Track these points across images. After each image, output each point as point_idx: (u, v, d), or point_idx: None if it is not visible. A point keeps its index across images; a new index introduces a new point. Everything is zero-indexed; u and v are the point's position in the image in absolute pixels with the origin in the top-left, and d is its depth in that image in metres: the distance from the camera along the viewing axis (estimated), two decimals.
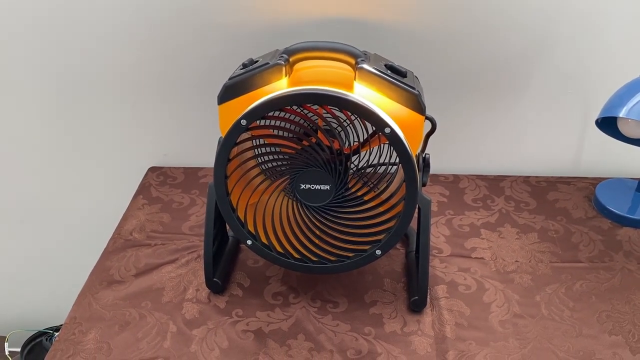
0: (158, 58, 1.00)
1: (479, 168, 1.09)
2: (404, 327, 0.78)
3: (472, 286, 0.84)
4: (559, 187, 1.04)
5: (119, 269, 0.89)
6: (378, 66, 0.71)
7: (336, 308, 0.81)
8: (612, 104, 0.86)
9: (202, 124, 1.07)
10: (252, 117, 0.69)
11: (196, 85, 1.02)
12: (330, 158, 0.71)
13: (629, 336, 0.76)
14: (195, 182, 1.08)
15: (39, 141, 1.12)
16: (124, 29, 0.97)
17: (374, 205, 0.74)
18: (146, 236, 0.95)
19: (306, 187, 0.72)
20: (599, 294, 0.82)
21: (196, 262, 0.89)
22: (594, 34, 0.93)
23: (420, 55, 0.95)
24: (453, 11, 0.91)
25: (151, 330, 0.78)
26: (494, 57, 0.96)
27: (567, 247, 0.91)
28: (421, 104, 0.70)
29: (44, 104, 1.07)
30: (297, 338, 0.77)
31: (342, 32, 0.93)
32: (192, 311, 0.81)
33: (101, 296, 0.84)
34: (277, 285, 0.85)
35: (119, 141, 1.11)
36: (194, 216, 0.99)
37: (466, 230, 0.95)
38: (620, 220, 0.95)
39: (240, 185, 0.75)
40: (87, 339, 0.77)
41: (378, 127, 0.67)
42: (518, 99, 1.01)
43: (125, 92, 1.04)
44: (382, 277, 0.86)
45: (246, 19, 0.94)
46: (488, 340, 0.76)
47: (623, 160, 1.05)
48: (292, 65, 0.73)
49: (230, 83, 0.72)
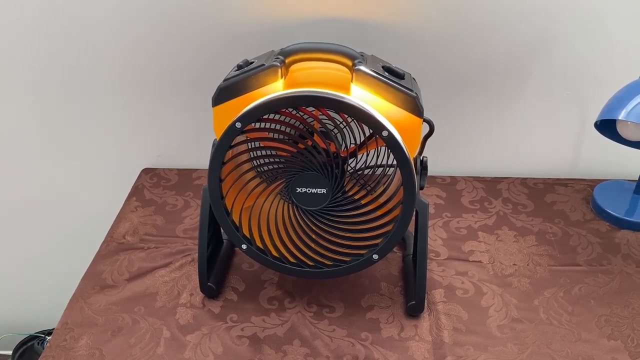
0: (151, 58, 0.98)
1: (476, 170, 1.08)
2: (401, 332, 0.77)
3: (469, 290, 0.83)
4: (557, 189, 1.03)
5: (112, 273, 0.87)
6: (375, 68, 0.70)
7: (332, 313, 0.80)
8: (611, 106, 0.85)
9: (196, 125, 1.05)
10: (248, 120, 0.68)
11: (190, 86, 1.01)
12: (326, 161, 0.70)
13: (628, 341, 0.75)
14: (189, 184, 1.07)
15: (30, 141, 1.10)
16: (117, 30, 0.95)
17: (371, 209, 0.73)
18: (139, 239, 0.94)
19: (302, 190, 0.71)
20: (598, 297, 0.81)
21: (190, 266, 0.88)
22: (592, 35, 0.92)
23: (417, 56, 0.94)
24: (450, 12, 0.90)
25: (144, 336, 0.77)
26: (491, 58, 0.95)
27: (565, 250, 0.90)
28: (419, 106, 0.69)
29: (35, 104, 1.05)
30: (293, 344, 0.76)
31: (339, 33, 0.91)
32: (186, 316, 0.80)
33: (93, 301, 0.82)
34: (272, 290, 0.84)
35: (111, 142, 1.10)
36: (188, 219, 0.98)
37: (463, 233, 0.94)
38: (618, 223, 0.94)
39: (235, 188, 0.73)
40: (79, 345, 0.76)
41: (375, 130, 0.66)
42: (516, 100, 1.00)
43: (118, 92, 1.03)
44: (378, 281, 0.85)
45: (241, 19, 0.92)
46: (486, 345, 0.75)
47: (621, 162, 1.04)
48: (288, 66, 0.72)
49: (225, 85, 0.70)
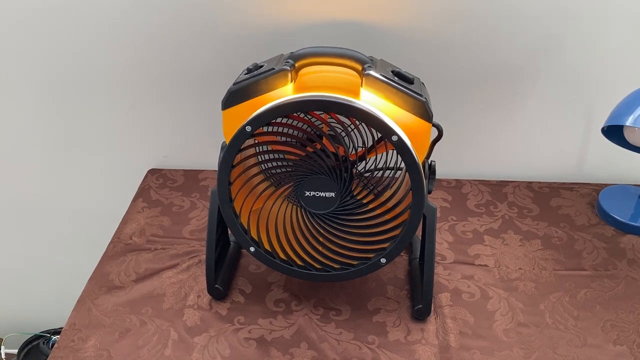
0: (158, 58, 0.98)
1: (481, 173, 1.08)
2: (407, 336, 0.77)
3: (476, 294, 0.83)
4: (562, 193, 1.03)
5: (119, 274, 0.87)
6: (385, 72, 0.70)
7: (339, 316, 0.80)
8: (619, 112, 0.85)
9: (203, 126, 1.06)
10: (257, 124, 0.68)
11: (197, 86, 1.01)
12: (335, 165, 0.70)
13: (634, 346, 0.75)
14: (196, 185, 1.07)
15: (37, 142, 1.10)
16: (123, 29, 0.95)
17: (380, 213, 0.73)
18: (146, 240, 0.94)
19: (311, 194, 0.72)
20: (604, 302, 0.82)
21: (197, 268, 0.88)
22: (599, 40, 0.92)
23: (424, 60, 0.95)
24: (458, 16, 0.91)
25: (152, 338, 0.77)
26: (498, 62, 0.95)
27: (571, 255, 0.90)
28: (428, 111, 0.69)
29: (41, 105, 1.05)
30: (300, 346, 0.76)
31: (348, 37, 0.92)
32: (194, 318, 0.80)
33: (101, 302, 0.83)
34: (279, 292, 0.84)
35: (118, 142, 1.10)
36: (194, 220, 0.98)
37: (469, 236, 0.94)
38: (623, 228, 0.94)
39: (244, 191, 0.74)
40: (86, 346, 0.76)
41: (385, 135, 0.66)
42: (521, 104, 1.00)
43: (124, 92, 1.03)
44: (385, 285, 0.85)
45: (249, 21, 0.93)
46: (492, 349, 0.75)
47: (626, 167, 1.04)
48: (298, 70, 0.72)
49: (235, 88, 0.70)
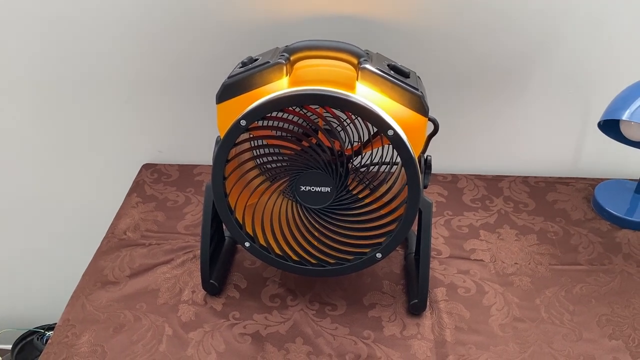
0: (153, 53, 0.97)
1: (477, 167, 1.08)
2: (403, 331, 0.77)
3: (471, 289, 0.83)
4: (558, 188, 1.03)
5: (113, 269, 0.87)
6: (381, 66, 0.69)
7: (335, 311, 0.80)
8: (615, 106, 0.85)
9: (198, 120, 1.05)
10: (252, 118, 0.67)
11: (192, 81, 1.00)
12: (331, 159, 0.69)
13: (629, 340, 0.75)
14: (191, 180, 1.06)
15: (31, 137, 1.09)
16: (119, 25, 0.94)
17: (375, 208, 0.73)
18: (140, 235, 0.93)
19: (306, 189, 0.71)
20: (599, 297, 0.82)
21: (192, 263, 0.88)
22: (595, 35, 0.92)
23: (421, 54, 0.94)
24: (455, 10, 0.90)
25: (146, 333, 0.77)
26: (493, 56, 0.95)
27: (567, 249, 0.90)
28: (424, 105, 0.69)
29: (36, 99, 1.04)
30: (295, 342, 0.75)
31: (344, 30, 0.91)
32: (188, 313, 0.79)
33: (95, 297, 0.82)
34: (274, 287, 0.84)
35: (112, 137, 1.09)
36: (189, 215, 0.98)
37: (465, 231, 0.94)
38: (618, 222, 0.94)
39: (239, 186, 0.73)
40: (80, 342, 0.75)
41: (381, 129, 0.66)
42: (517, 99, 1.00)
43: (119, 87, 1.02)
44: (380, 279, 0.85)
45: (244, 15, 0.92)
46: (488, 344, 0.75)
47: (622, 161, 1.04)
48: (293, 64, 0.71)
49: (230, 82, 0.70)
